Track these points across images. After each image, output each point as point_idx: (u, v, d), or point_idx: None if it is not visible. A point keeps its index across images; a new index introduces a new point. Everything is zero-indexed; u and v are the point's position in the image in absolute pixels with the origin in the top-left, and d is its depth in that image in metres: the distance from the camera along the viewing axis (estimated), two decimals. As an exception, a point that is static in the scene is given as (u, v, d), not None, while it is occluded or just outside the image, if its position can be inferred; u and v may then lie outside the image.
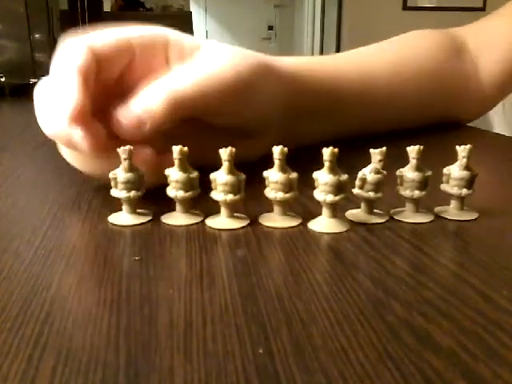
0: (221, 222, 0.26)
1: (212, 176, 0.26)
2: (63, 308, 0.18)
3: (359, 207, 0.27)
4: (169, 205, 0.27)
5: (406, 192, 0.27)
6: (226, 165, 0.25)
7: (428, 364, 0.15)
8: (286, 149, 0.25)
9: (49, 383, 0.14)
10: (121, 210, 0.27)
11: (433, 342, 0.16)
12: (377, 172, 0.26)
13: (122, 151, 0.26)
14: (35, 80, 0.85)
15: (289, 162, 0.26)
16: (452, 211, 0.28)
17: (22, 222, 0.27)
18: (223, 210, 0.26)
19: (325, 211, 0.26)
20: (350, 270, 0.21)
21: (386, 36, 0.54)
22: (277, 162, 0.25)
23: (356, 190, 0.27)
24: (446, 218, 0.27)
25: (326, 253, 0.23)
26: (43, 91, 0.29)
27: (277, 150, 0.25)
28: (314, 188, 0.26)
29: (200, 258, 0.22)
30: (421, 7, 3.84)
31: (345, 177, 0.25)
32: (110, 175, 0.26)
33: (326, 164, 0.25)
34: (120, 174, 0.26)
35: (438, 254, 0.23)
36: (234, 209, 0.26)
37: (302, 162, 0.28)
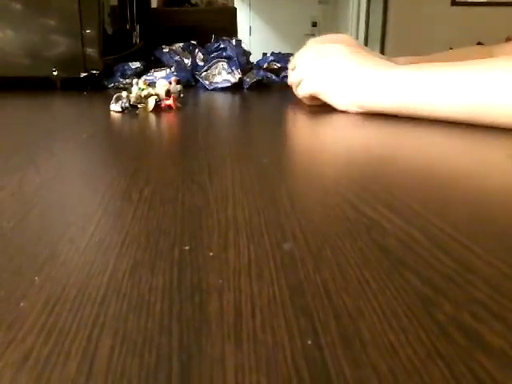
0: None
1: None
2: (118, 292, 0.19)
3: None
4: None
5: None
6: None
7: (479, 364, 0.15)
8: None
9: (107, 361, 0.15)
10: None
11: (483, 342, 0.16)
12: None
13: None
14: (85, 74, 0.88)
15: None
16: None
17: (76, 210, 0.28)
18: None
19: None
20: (397, 267, 0.21)
21: (433, 33, 0.53)
22: None
23: None
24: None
25: (373, 249, 0.23)
26: None
27: None
28: None
29: (248, 249, 0.22)
30: (470, 2, 3.71)
31: None
32: None
33: None
34: None
35: (488, 253, 0.23)
36: None
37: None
